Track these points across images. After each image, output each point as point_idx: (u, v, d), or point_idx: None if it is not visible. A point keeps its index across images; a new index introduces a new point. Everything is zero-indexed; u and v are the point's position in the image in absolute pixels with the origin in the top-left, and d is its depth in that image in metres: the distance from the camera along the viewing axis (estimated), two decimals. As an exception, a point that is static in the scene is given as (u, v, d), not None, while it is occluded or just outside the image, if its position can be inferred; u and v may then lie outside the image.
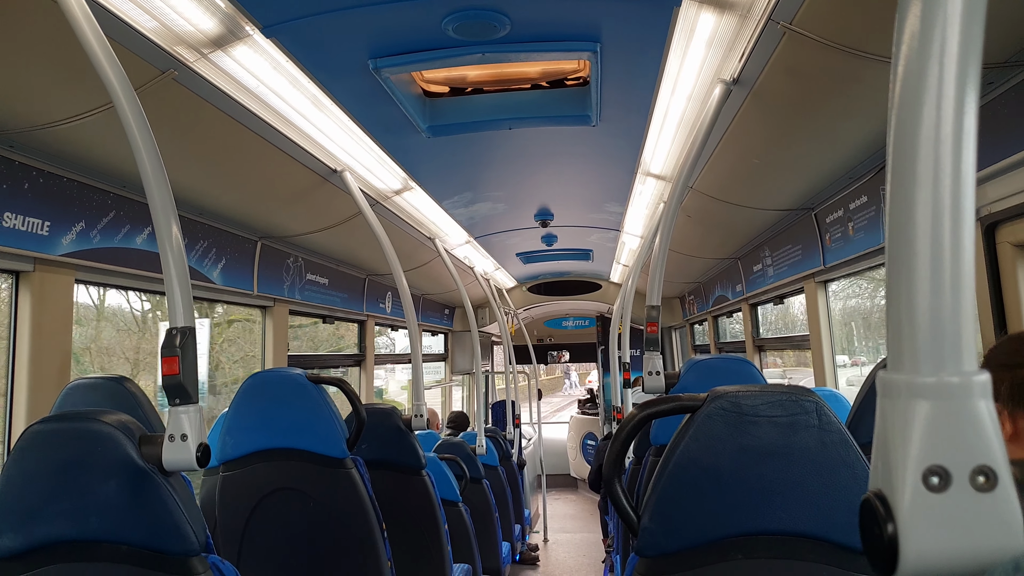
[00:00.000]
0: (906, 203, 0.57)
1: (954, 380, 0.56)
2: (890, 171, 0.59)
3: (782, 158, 2.95)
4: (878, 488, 0.59)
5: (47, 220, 2.41)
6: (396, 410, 3.12)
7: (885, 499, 0.57)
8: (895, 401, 0.58)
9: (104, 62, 1.42)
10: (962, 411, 0.56)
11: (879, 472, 0.59)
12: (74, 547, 1.31)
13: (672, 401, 1.27)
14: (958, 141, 0.55)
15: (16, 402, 2.40)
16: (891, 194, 0.59)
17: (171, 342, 1.39)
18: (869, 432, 1.83)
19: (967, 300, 0.56)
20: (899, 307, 0.57)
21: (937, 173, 0.56)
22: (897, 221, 0.58)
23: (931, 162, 0.56)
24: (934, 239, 0.56)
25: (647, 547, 1.24)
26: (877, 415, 0.61)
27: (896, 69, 0.58)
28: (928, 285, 0.56)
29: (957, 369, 0.56)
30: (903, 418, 0.57)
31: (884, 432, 0.59)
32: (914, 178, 0.56)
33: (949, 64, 0.55)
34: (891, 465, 0.58)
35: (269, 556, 2.41)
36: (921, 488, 0.55)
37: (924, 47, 0.56)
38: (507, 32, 2.12)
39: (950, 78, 0.55)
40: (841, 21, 1.80)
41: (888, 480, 0.58)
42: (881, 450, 0.59)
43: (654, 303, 2.72)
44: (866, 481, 1.17)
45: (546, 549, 7.31)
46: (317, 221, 3.80)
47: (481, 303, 8.27)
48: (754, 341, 5.43)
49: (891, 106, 0.58)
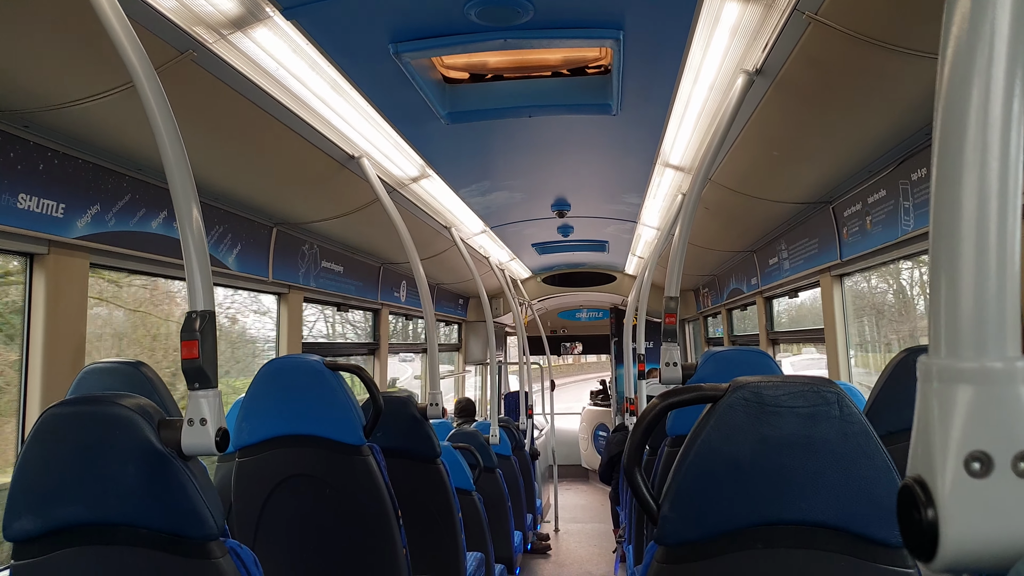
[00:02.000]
0: (952, 187, 0.56)
1: (997, 365, 0.55)
2: (936, 154, 0.58)
3: (802, 150, 2.92)
4: (917, 473, 0.58)
5: (62, 202, 2.39)
6: (412, 398, 3.12)
7: (925, 484, 0.57)
8: (937, 385, 0.58)
9: (124, 41, 1.41)
10: (1005, 397, 0.55)
11: (919, 457, 0.59)
12: (92, 530, 1.32)
13: (693, 391, 1.27)
14: (1007, 125, 0.55)
15: (31, 386, 2.40)
16: (937, 177, 0.58)
17: (191, 326, 1.39)
18: (887, 423, 1.80)
19: (1012, 285, 0.55)
20: (942, 291, 0.57)
21: (985, 157, 0.55)
22: (942, 204, 0.57)
23: (979, 145, 0.55)
24: (979, 223, 0.55)
25: (668, 535, 1.24)
26: (918, 400, 0.60)
27: (945, 51, 0.57)
28: (972, 269, 0.55)
29: (1000, 354, 0.55)
30: (945, 403, 0.57)
31: (925, 417, 0.59)
32: (961, 161, 0.56)
33: (999, 46, 0.55)
34: (932, 450, 0.57)
35: (284, 542, 2.41)
36: (963, 473, 0.55)
37: (974, 29, 0.55)
38: (530, 18, 2.10)
39: (1000, 61, 0.55)
40: (867, 13, 1.79)
41: (928, 465, 0.57)
42: (921, 435, 0.59)
43: (673, 294, 2.71)
44: (886, 472, 1.18)
45: (557, 539, 7.33)
46: (333, 208, 3.80)
47: (495, 293, 8.27)
48: (768, 334, 5.40)
49: (939, 88, 0.58)
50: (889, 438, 1.60)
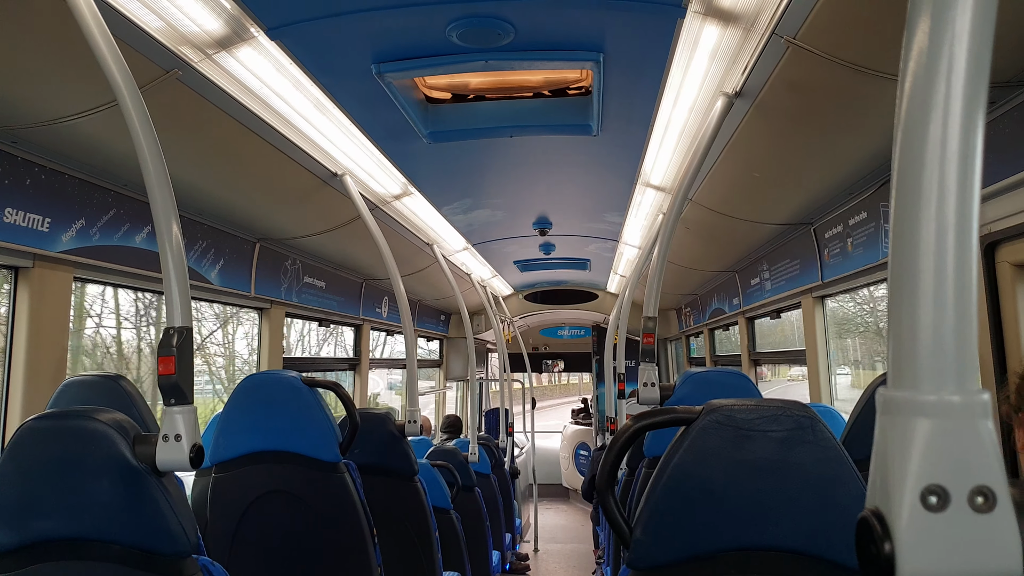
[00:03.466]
0: (910, 220, 0.56)
1: (955, 399, 0.55)
2: (895, 187, 0.58)
3: (783, 172, 2.95)
4: (876, 506, 0.58)
5: (48, 216, 2.40)
6: (390, 415, 3.11)
7: (883, 517, 0.57)
8: (895, 418, 0.58)
9: (110, 60, 1.42)
10: (963, 430, 0.55)
11: (877, 489, 0.59)
12: (66, 545, 1.30)
13: (667, 413, 1.27)
14: (964, 159, 0.55)
15: (12, 398, 2.39)
16: (895, 210, 0.58)
17: (168, 342, 1.38)
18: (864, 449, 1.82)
19: (970, 319, 0.55)
20: (901, 323, 0.57)
21: (942, 191, 0.55)
22: (901, 237, 0.57)
23: (936, 179, 0.55)
24: (938, 256, 0.55)
25: (639, 559, 1.23)
26: (876, 431, 0.60)
27: (903, 85, 0.57)
28: (931, 302, 0.55)
29: (959, 388, 0.55)
30: (903, 436, 0.57)
31: (883, 449, 0.59)
32: (919, 195, 0.56)
33: (956, 82, 0.55)
34: (889, 483, 0.57)
35: (259, 559, 2.39)
36: (919, 507, 0.55)
37: (932, 64, 0.55)
38: (511, 40, 2.12)
39: (957, 95, 0.55)
40: (845, 37, 1.80)
41: (886, 498, 0.57)
42: (880, 467, 0.59)
43: (651, 314, 2.72)
44: (861, 499, 1.16)
45: (536, 559, 7.29)
46: (316, 224, 3.79)
47: (477, 310, 8.26)
48: (750, 355, 5.43)
49: (897, 122, 0.58)
50: (866, 463, 1.60)
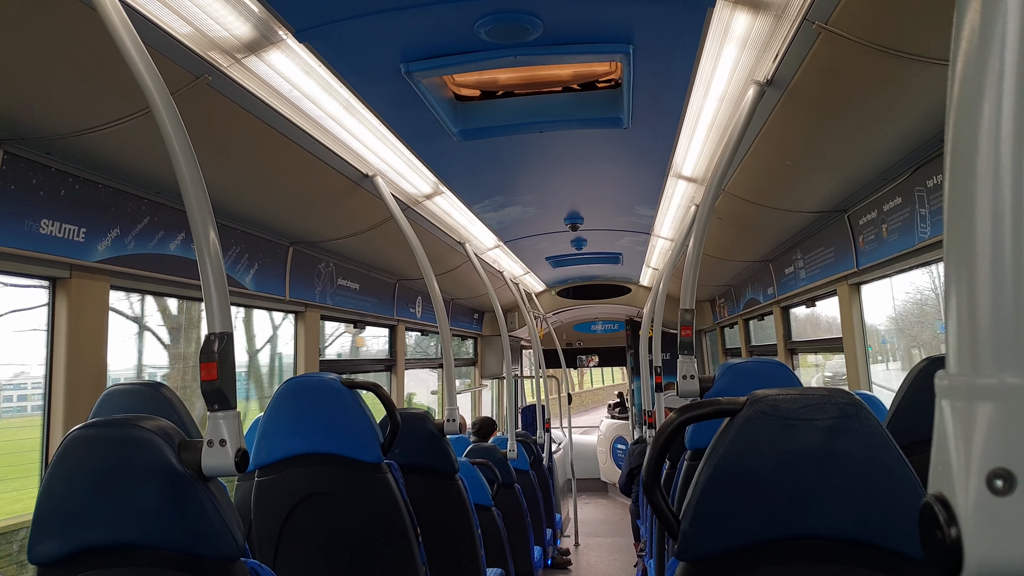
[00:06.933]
0: (965, 201, 0.56)
1: (1017, 381, 0.54)
2: (948, 170, 0.58)
3: (816, 159, 2.91)
4: (939, 491, 0.58)
5: (83, 227, 2.43)
6: (429, 415, 3.12)
7: (947, 502, 0.56)
8: (956, 402, 0.57)
9: (141, 67, 1.43)
10: None
11: (939, 474, 0.58)
12: (113, 552, 1.32)
13: (711, 405, 1.26)
14: (1019, 139, 0.54)
15: (54, 408, 2.43)
16: (949, 192, 0.58)
17: (210, 348, 1.39)
18: (909, 433, 1.77)
19: None
20: (958, 307, 0.56)
21: (997, 172, 0.55)
22: (956, 219, 0.57)
23: (991, 159, 0.55)
24: (994, 239, 0.55)
25: (687, 551, 1.23)
26: (936, 417, 0.60)
27: (955, 66, 0.57)
28: (989, 285, 0.55)
29: (1020, 370, 0.54)
30: (964, 420, 0.56)
31: (944, 434, 0.58)
32: (974, 178, 0.55)
33: (1009, 60, 0.54)
34: (952, 468, 0.57)
35: (304, 561, 2.41)
36: (985, 491, 0.54)
37: (984, 43, 0.55)
38: (540, 34, 2.11)
39: (1010, 75, 0.54)
40: (877, 21, 1.78)
41: (950, 483, 0.57)
42: (941, 452, 0.58)
43: (687, 306, 2.69)
44: (911, 484, 1.16)
45: (577, 553, 7.28)
46: (348, 226, 3.82)
47: (510, 307, 8.27)
48: (786, 344, 5.37)
49: (949, 103, 0.58)
50: (911, 448, 1.57)
